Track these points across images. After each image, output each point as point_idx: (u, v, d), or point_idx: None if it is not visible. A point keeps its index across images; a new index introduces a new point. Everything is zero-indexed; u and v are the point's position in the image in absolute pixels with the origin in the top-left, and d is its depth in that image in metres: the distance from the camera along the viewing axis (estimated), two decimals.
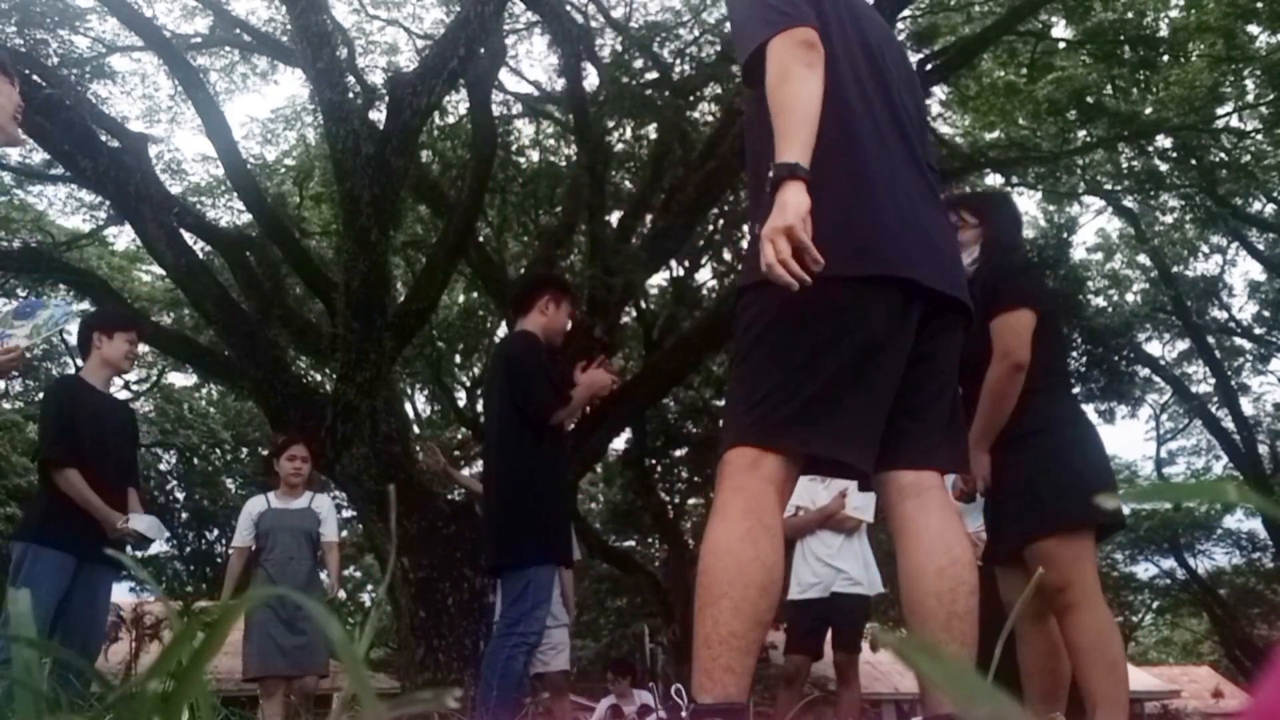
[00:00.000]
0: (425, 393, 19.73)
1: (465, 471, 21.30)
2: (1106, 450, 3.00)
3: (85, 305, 11.17)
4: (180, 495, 21.48)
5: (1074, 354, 14.50)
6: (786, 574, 5.80)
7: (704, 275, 14.52)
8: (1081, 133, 13.42)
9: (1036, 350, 2.81)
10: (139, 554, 4.62)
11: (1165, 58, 12.48)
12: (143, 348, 16.30)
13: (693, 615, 1.81)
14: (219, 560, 22.75)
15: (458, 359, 18.34)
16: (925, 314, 1.91)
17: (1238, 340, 18.73)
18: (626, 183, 13.29)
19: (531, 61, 55.12)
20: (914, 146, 2.01)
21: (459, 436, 20.19)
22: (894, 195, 1.90)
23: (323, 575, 5.59)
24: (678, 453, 16.67)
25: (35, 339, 3.25)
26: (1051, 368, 2.87)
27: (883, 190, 1.89)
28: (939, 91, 13.62)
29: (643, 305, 13.78)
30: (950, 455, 2.00)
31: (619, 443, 14.47)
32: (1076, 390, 14.72)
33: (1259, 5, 11.18)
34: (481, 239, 12.50)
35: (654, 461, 16.70)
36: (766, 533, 1.76)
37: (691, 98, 12.34)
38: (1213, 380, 18.09)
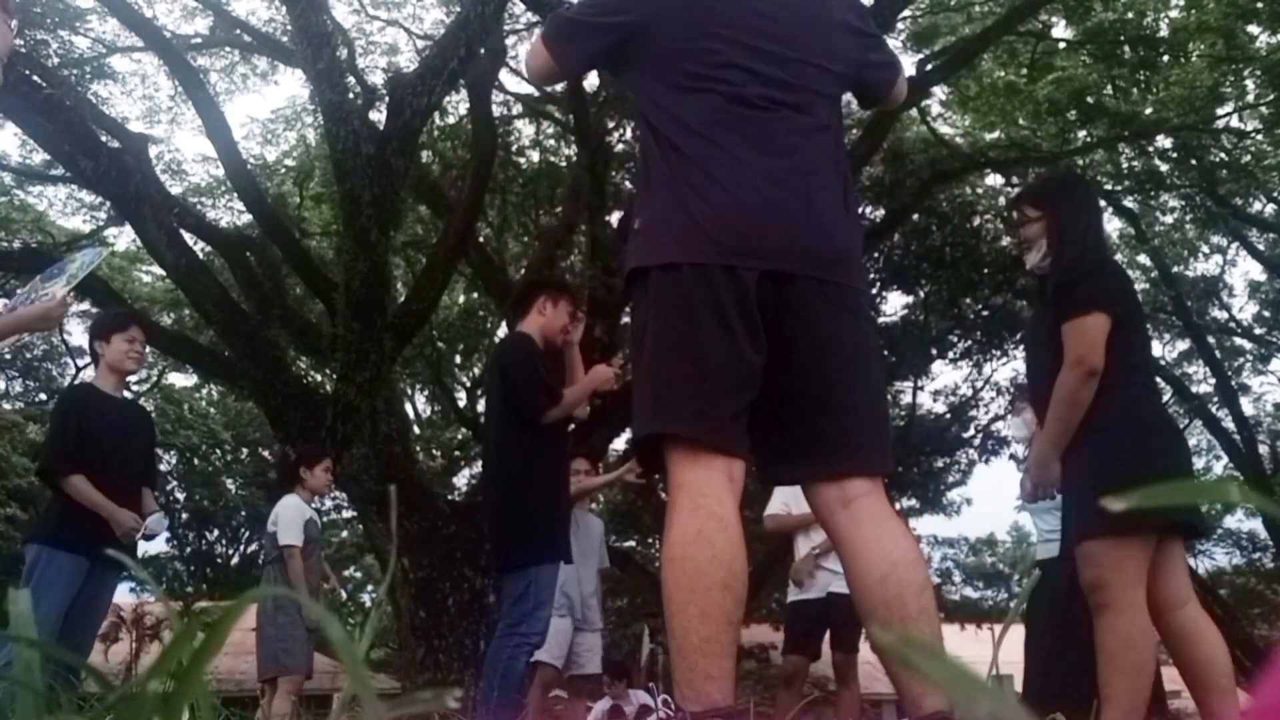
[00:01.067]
0: (425, 393, 19.74)
1: (465, 472, 21.16)
2: (1178, 446, 2.84)
3: (86, 305, 11.17)
4: (180, 496, 21.49)
5: None
6: (783, 575, 5.79)
7: None
8: (1082, 133, 13.42)
9: (1110, 349, 2.71)
10: (144, 550, 4.71)
11: (1165, 58, 12.48)
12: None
13: None
14: (219, 561, 22.77)
15: (458, 359, 18.35)
16: (801, 297, 1.87)
17: (1238, 340, 18.73)
18: (627, 183, 13.29)
19: None
20: (810, 134, 1.97)
21: (459, 437, 20.20)
22: (754, 181, 1.89)
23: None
24: None
25: (71, 284, 3.30)
26: (1125, 364, 2.75)
27: (745, 178, 1.89)
28: (939, 92, 13.64)
29: None
30: (869, 455, 1.91)
31: (619, 443, 14.47)
32: None
33: (1259, 5, 11.18)
34: (482, 239, 12.50)
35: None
36: (719, 526, 1.74)
37: None
38: (1213, 380, 18.08)
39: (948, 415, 17.43)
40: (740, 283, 1.84)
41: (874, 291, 14.69)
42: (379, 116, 9.63)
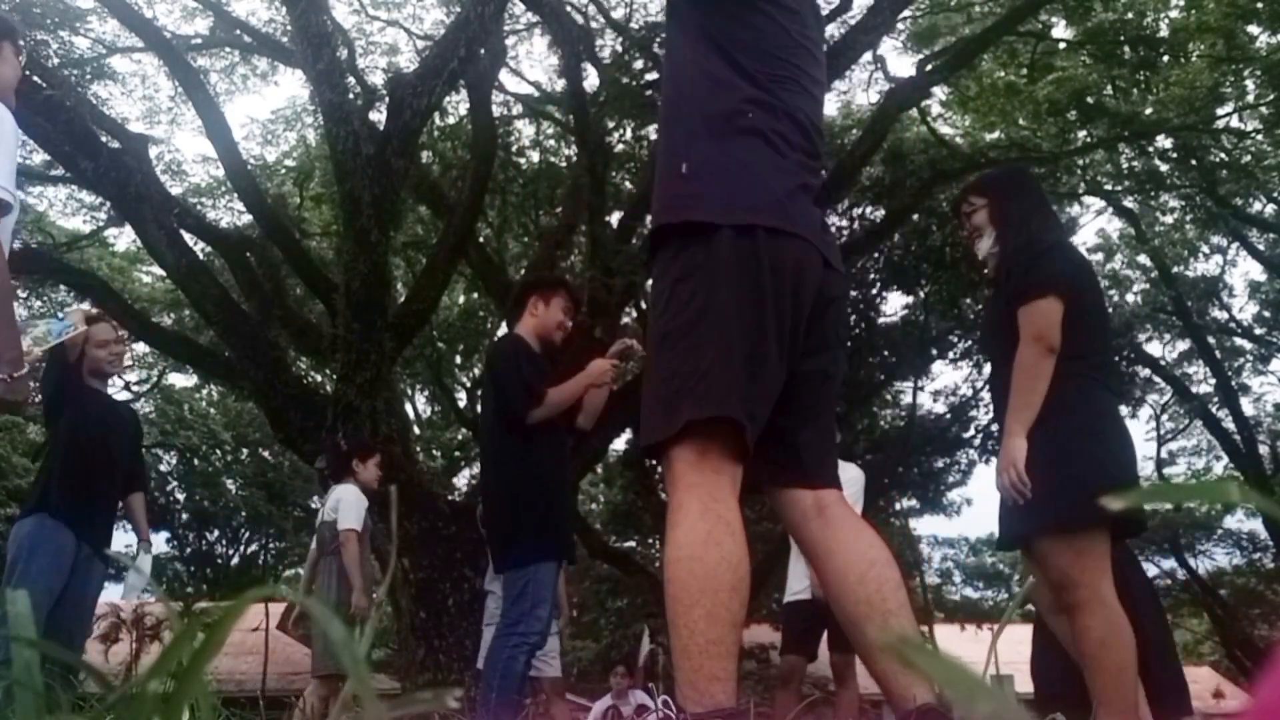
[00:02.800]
0: (425, 393, 19.74)
1: (465, 473, 21.04)
2: (1126, 446, 2.77)
3: (86, 305, 11.15)
4: (181, 496, 21.49)
5: None
6: (782, 575, 5.76)
7: None
8: (1082, 133, 13.42)
9: (1061, 337, 2.69)
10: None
11: (1165, 58, 12.48)
12: (143, 348, 16.15)
13: None
14: (219, 561, 22.76)
15: (458, 359, 18.35)
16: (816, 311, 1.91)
17: (1238, 340, 18.73)
18: (627, 183, 13.29)
19: (532, 62, 55.14)
20: (816, 151, 2.02)
21: (459, 437, 20.20)
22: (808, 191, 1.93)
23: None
24: None
25: (40, 348, 3.36)
26: (1071, 353, 2.71)
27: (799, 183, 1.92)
28: (939, 92, 13.63)
29: (643, 305, 13.78)
30: (835, 470, 2.00)
31: (619, 443, 14.48)
32: None
33: (1259, 5, 11.18)
34: (482, 240, 12.51)
35: (654, 462, 16.68)
36: (728, 530, 1.74)
37: None
38: (1213, 380, 18.08)
39: (948, 415, 17.43)
40: (812, 266, 1.86)
41: (874, 291, 14.69)
42: (379, 117, 9.63)
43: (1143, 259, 17.59)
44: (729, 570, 1.71)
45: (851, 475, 5.49)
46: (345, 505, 5.23)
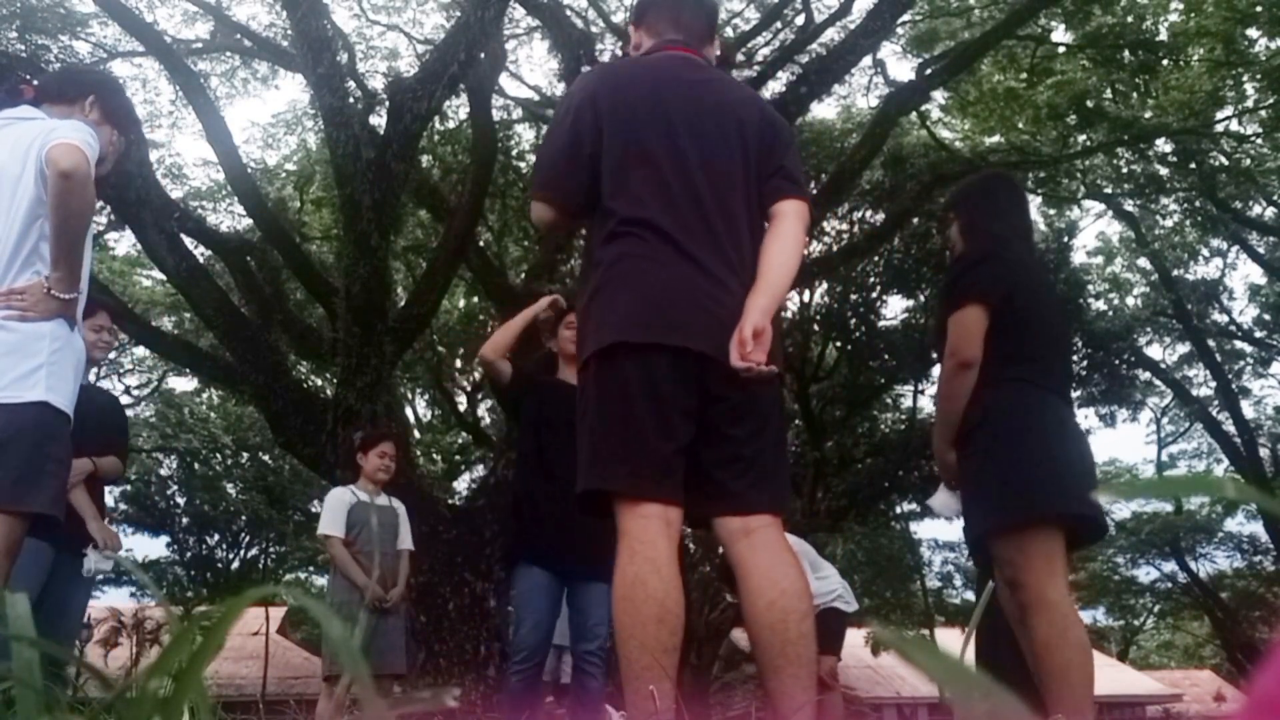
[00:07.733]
0: (426, 397, 19.73)
1: (465, 477, 20.99)
2: (1068, 446, 2.73)
3: None
4: (181, 500, 21.47)
5: (1074, 357, 14.49)
6: None
7: None
8: (1081, 137, 13.43)
9: (992, 343, 2.69)
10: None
11: (1165, 62, 12.49)
12: (143, 351, 16.07)
13: (690, 618, 1.90)
14: (219, 565, 22.74)
15: (458, 363, 18.34)
16: (713, 366, 2.10)
17: (1238, 344, 18.73)
18: None
19: (532, 66, 55.25)
20: (712, 229, 2.18)
21: (459, 441, 20.19)
22: (679, 275, 2.13)
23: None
24: None
25: None
26: (1008, 358, 2.71)
27: (669, 273, 2.12)
28: (939, 96, 13.64)
29: None
30: (769, 498, 2.17)
31: None
32: (1078, 393, 14.71)
33: (1258, 10, 11.20)
34: (482, 244, 12.51)
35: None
36: (653, 569, 2.00)
37: None
38: (1213, 384, 18.08)
39: None
40: (672, 360, 2.09)
41: (874, 295, 14.69)
42: (379, 121, 9.64)
43: (1143, 262, 17.60)
44: (654, 605, 1.98)
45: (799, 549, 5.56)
46: (323, 511, 5.24)
